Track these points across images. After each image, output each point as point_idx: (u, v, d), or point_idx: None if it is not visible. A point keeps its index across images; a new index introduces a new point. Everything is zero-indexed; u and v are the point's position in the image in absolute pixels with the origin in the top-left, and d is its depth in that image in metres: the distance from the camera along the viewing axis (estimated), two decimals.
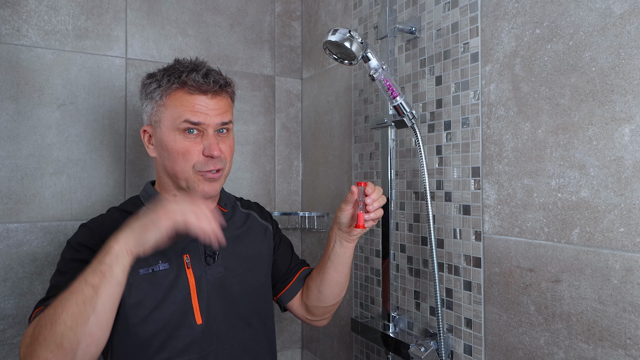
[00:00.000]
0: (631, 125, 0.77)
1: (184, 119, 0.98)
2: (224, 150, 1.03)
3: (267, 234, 1.18)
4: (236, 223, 1.14)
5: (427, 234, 1.17)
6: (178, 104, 0.99)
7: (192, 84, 0.98)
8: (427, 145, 1.16)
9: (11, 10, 1.32)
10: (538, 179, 0.91)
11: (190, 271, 1.01)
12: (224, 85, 1.02)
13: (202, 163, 1.00)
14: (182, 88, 0.99)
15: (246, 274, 1.09)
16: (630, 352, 0.76)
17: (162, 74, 1.02)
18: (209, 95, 1.00)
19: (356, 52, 1.01)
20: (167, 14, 1.53)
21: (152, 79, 1.03)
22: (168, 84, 1.00)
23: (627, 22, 0.77)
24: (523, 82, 0.94)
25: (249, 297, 1.08)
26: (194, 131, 0.99)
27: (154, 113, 1.02)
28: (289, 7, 1.77)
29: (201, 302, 1.00)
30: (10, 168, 1.30)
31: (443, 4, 1.12)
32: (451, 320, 1.09)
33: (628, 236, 0.77)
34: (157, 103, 1.01)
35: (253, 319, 1.09)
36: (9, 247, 1.30)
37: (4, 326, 1.29)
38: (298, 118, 1.78)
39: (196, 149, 0.99)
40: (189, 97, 0.99)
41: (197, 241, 1.04)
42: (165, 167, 1.02)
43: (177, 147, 0.99)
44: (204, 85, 0.99)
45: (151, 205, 1.03)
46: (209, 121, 0.99)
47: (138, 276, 0.96)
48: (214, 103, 1.00)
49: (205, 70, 1.01)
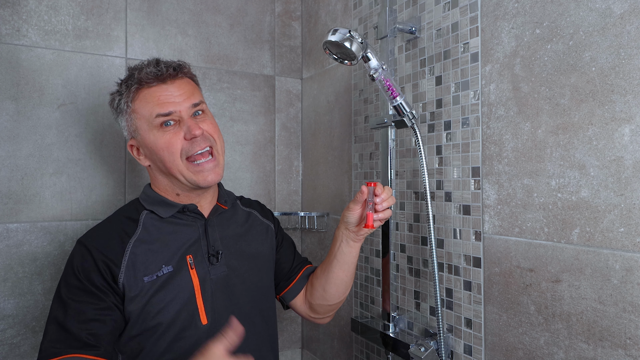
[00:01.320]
0: (631, 125, 0.77)
1: (155, 114, 0.98)
2: (207, 128, 1.02)
3: (269, 233, 1.18)
4: (238, 221, 1.14)
5: (427, 234, 1.17)
6: (144, 103, 0.99)
7: (146, 77, 0.99)
8: (427, 145, 1.16)
9: (11, 10, 1.32)
10: (538, 179, 0.91)
11: (194, 271, 1.00)
12: (177, 68, 1.02)
13: (187, 147, 0.99)
14: (140, 86, 1.00)
15: (249, 273, 1.09)
16: (630, 352, 0.76)
17: (120, 85, 1.04)
18: (168, 82, 1.00)
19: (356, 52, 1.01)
20: (167, 14, 1.53)
21: (114, 94, 1.05)
22: (127, 89, 1.01)
23: (627, 22, 0.77)
24: (523, 82, 0.94)
25: (253, 296, 1.08)
26: (170, 122, 0.99)
27: (130, 124, 1.02)
28: (289, 7, 1.77)
29: (206, 302, 1.00)
30: (10, 168, 1.30)
31: (443, 4, 1.12)
32: (451, 320, 1.09)
33: (628, 236, 0.77)
34: (127, 113, 1.02)
35: (257, 318, 1.09)
36: (9, 247, 1.30)
37: (4, 326, 1.29)
38: (298, 118, 1.78)
39: (177, 137, 0.99)
40: (150, 91, 0.99)
41: (200, 241, 1.04)
42: (160, 169, 1.02)
43: (159, 143, 0.99)
44: (158, 74, 0.99)
45: (151, 207, 1.04)
46: (179, 107, 0.99)
47: (144, 284, 0.96)
48: (175, 88, 1.00)
49: (155, 60, 1.02)
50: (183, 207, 1.04)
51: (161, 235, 1.01)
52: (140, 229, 1.01)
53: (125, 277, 0.95)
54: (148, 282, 0.96)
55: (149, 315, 0.96)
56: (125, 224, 1.02)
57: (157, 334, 0.96)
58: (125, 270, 0.95)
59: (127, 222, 1.02)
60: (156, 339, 0.96)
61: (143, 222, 1.02)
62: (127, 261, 0.96)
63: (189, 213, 1.04)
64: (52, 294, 1.33)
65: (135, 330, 0.96)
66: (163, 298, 0.96)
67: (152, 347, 0.97)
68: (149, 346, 0.97)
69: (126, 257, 0.96)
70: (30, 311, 1.32)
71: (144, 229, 1.01)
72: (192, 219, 1.05)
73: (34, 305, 1.32)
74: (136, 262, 0.97)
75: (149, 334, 0.96)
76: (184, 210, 1.04)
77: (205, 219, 1.06)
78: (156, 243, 1.00)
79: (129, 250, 0.97)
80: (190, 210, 1.04)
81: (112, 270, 0.95)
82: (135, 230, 1.00)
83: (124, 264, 0.96)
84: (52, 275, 1.34)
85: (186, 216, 1.05)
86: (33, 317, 1.32)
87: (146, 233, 1.01)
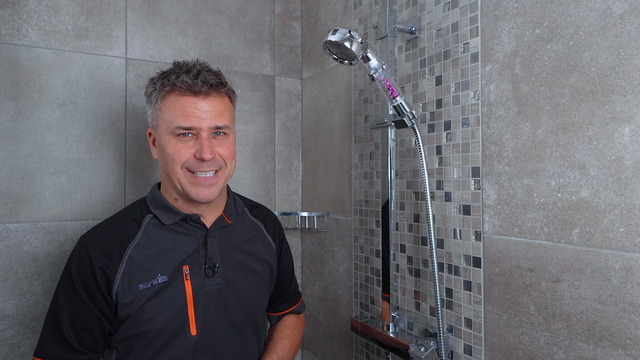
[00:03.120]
0: (631, 125, 0.77)
1: (176, 125, 0.96)
2: (222, 153, 1.00)
3: (270, 252, 1.17)
4: (241, 233, 1.12)
5: (427, 234, 1.17)
6: (171, 108, 0.98)
7: (181, 85, 0.96)
8: (427, 145, 1.16)
9: (11, 10, 1.32)
10: (538, 179, 0.91)
11: (188, 282, 1.00)
12: (215, 85, 0.99)
13: (193, 164, 0.98)
14: (172, 91, 0.98)
15: (245, 286, 1.08)
16: (630, 352, 0.76)
17: (158, 77, 1.02)
18: (201, 97, 0.97)
19: (356, 52, 1.01)
20: (167, 14, 1.53)
21: (150, 83, 1.03)
22: (161, 87, 0.99)
23: (627, 22, 0.77)
24: (523, 82, 0.94)
25: (246, 309, 1.08)
26: (188, 134, 0.98)
27: (154, 117, 1.02)
28: (289, 7, 1.77)
29: (197, 313, 1.00)
30: (10, 168, 1.30)
31: (443, 4, 1.12)
32: (451, 320, 1.09)
33: (628, 236, 0.77)
34: (154, 107, 1.01)
35: (247, 331, 1.09)
36: (9, 247, 1.30)
37: (4, 326, 1.29)
38: (298, 118, 1.78)
39: (188, 151, 0.97)
40: (180, 100, 0.97)
41: (198, 252, 1.04)
42: (165, 170, 1.02)
43: (169, 150, 0.98)
44: (193, 87, 0.96)
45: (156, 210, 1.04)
46: (201, 125, 0.97)
47: (138, 291, 0.97)
48: (206, 105, 0.98)
49: (197, 70, 0.98)
50: (186, 216, 1.03)
51: (161, 242, 1.01)
52: (141, 234, 1.01)
53: (120, 284, 0.96)
54: (143, 289, 0.96)
55: (139, 321, 0.96)
56: (128, 226, 1.02)
57: (146, 340, 0.97)
58: (120, 277, 0.96)
59: (130, 224, 1.02)
60: (145, 344, 0.97)
61: (145, 228, 1.02)
62: (124, 267, 0.97)
63: (191, 222, 1.04)
64: (52, 293, 1.33)
65: (125, 333, 0.97)
66: (155, 306, 0.97)
67: (142, 350, 0.98)
68: (139, 349, 0.98)
69: (123, 263, 0.97)
70: (30, 311, 1.32)
71: (144, 234, 1.01)
72: (193, 228, 1.04)
73: (34, 305, 1.32)
74: (133, 269, 0.97)
75: (139, 338, 0.97)
76: (187, 219, 1.04)
77: (207, 230, 1.06)
78: (155, 250, 1.00)
79: (127, 255, 0.98)
80: (193, 220, 1.04)
81: (107, 276, 0.95)
82: (135, 234, 1.00)
83: (121, 269, 0.96)
84: (52, 275, 1.34)
85: (188, 225, 1.04)
86: (33, 317, 1.32)
87: (146, 239, 1.00)
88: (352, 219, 1.46)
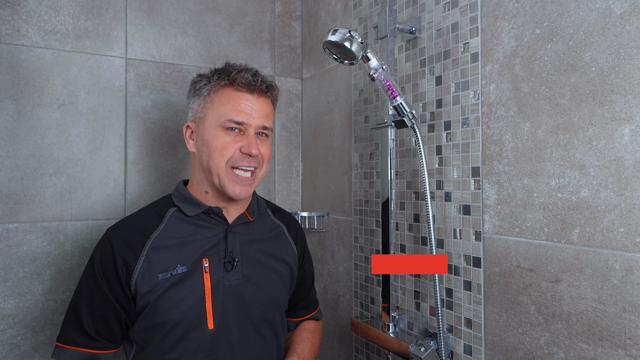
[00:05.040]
0: (631, 125, 0.77)
1: (228, 118, 1.01)
2: (263, 152, 1.05)
3: (291, 254, 1.18)
4: (262, 231, 1.14)
5: (427, 234, 1.17)
6: (225, 102, 1.02)
7: (241, 80, 1.02)
8: (427, 145, 1.16)
9: (11, 10, 1.32)
10: (538, 179, 0.91)
11: (207, 275, 1.01)
12: (269, 87, 1.06)
13: (237, 159, 1.02)
14: (230, 85, 1.03)
15: (265, 284, 1.09)
16: (630, 352, 0.76)
17: (212, 72, 1.06)
18: (255, 95, 1.03)
19: (356, 52, 1.01)
20: (167, 14, 1.53)
21: (202, 77, 1.07)
22: (217, 80, 1.04)
23: (627, 22, 0.77)
24: (523, 82, 0.94)
25: (264, 307, 1.08)
26: (235, 129, 1.02)
27: (200, 109, 1.05)
28: (289, 7, 1.77)
29: (215, 307, 1.01)
30: (10, 168, 1.30)
31: (443, 4, 1.12)
32: (451, 320, 1.09)
33: (628, 236, 0.77)
34: (204, 99, 1.04)
35: (265, 329, 1.09)
36: (9, 247, 1.30)
37: (4, 326, 1.29)
38: (298, 118, 1.78)
39: (234, 145, 1.01)
40: (235, 95, 1.02)
41: (218, 246, 1.05)
42: (202, 162, 1.04)
43: (216, 142, 1.01)
44: (251, 84, 1.02)
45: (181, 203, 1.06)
46: (251, 121, 1.02)
47: (157, 281, 0.98)
48: (258, 104, 1.04)
49: (254, 70, 1.05)
50: (209, 209, 1.05)
51: (182, 234, 1.03)
52: (164, 225, 1.04)
53: (140, 273, 0.98)
54: (162, 279, 0.99)
55: (157, 311, 0.98)
56: (151, 218, 1.05)
57: (164, 331, 0.98)
58: (141, 266, 0.99)
59: (153, 217, 1.06)
60: (163, 336, 0.99)
61: (168, 219, 1.05)
62: (144, 257, 0.99)
63: (213, 215, 1.06)
64: (52, 293, 1.34)
65: (144, 324, 0.99)
66: (173, 296, 0.98)
67: (159, 342, 0.99)
68: (156, 341, 0.99)
69: (144, 253, 1.00)
70: (30, 311, 1.32)
71: (167, 225, 1.04)
72: (215, 222, 1.06)
73: (34, 305, 1.32)
74: (153, 258, 0.99)
75: (157, 329, 0.99)
76: (209, 212, 1.05)
77: (229, 225, 1.07)
78: (176, 241, 1.02)
79: (148, 245, 1.00)
80: (215, 213, 1.06)
81: (128, 265, 0.98)
82: (158, 225, 1.03)
83: (142, 259, 0.99)
84: (52, 275, 1.34)
85: (210, 218, 1.06)
86: (33, 317, 1.32)
87: (168, 230, 1.03)
88: (352, 219, 1.46)
